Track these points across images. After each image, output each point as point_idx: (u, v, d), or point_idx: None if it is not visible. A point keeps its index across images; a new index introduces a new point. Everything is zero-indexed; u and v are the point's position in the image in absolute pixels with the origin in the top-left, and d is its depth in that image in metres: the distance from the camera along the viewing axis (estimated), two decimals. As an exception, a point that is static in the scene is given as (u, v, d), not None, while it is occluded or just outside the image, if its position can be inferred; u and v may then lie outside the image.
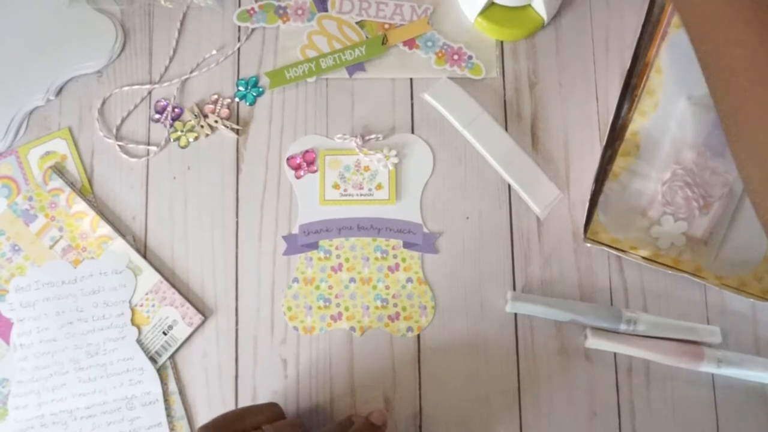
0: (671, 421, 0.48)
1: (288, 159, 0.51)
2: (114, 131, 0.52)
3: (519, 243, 0.50)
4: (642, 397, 0.48)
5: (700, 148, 0.48)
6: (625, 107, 0.51)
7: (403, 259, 0.49)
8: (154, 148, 0.51)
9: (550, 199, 0.49)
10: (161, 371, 0.48)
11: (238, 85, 0.52)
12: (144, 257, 0.49)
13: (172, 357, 0.48)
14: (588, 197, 0.47)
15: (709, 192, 0.48)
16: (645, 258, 0.48)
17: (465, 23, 0.53)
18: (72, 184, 0.50)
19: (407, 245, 0.50)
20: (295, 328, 0.49)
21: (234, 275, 0.49)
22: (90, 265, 0.49)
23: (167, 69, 0.53)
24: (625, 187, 0.49)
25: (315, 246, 0.50)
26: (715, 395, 0.48)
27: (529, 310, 0.48)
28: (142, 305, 0.48)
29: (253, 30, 0.53)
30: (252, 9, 0.53)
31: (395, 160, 0.50)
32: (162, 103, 0.52)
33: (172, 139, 0.51)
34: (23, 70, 0.51)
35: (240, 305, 0.49)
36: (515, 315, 0.49)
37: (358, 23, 0.53)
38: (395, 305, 0.49)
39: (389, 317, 0.49)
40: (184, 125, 0.51)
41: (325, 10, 0.53)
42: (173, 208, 0.50)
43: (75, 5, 0.52)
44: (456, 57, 0.52)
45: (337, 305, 0.49)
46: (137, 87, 0.52)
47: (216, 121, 0.51)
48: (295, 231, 0.50)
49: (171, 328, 0.48)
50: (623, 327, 0.47)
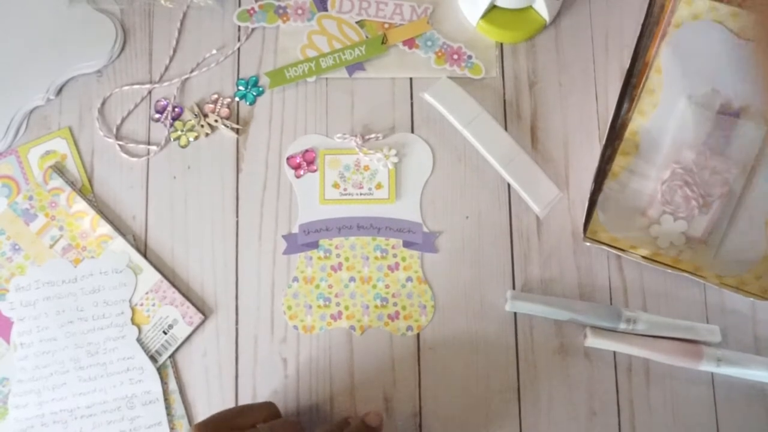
0: (671, 420, 0.48)
1: (288, 158, 0.51)
2: (114, 131, 0.52)
3: (519, 242, 0.50)
4: (641, 396, 0.48)
5: (699, 147, 0.48)
6: (625, 106, 0.51)
7: (403, 259, 0.49)
8: (154, 147, 0.51)
9: (549, 199, 0.49)
10: (161, 370, 0.48)
11: (238, 85, 0.52)
12: (144, 256, 0.49)
13: (172, 356, 0.48)
14: (587, 196, 0.48)
15: (709, 191, 0.48)
16: (644, 257, 0.48)
17: (465, 23, 0.53)
18: (72, 183, 0.50)
19: (407, 244, 0.50)
20: (295, 327, 0.49)
21: (234, 274, 0.49)
22: (90, 265, 0.49)
23: (167, 69, 0.53)
24: (625, 187, 0.49)
25: (315, 245, 0.50)
26: (715, 394, 0.48)
27: (529, 309, 0.48)
28: (142, 304, 0.48)
29: (253, 30, 0.53)
30: (252, 9, 0.53)
31: (395, 159, 0.50)
32: (162, 103, 0.52)
33: (172, 139, 0.51)
34: (23, 69, 0.51)
35: (240, 304, 0.49)
36: (515, 314, 0.49)
37: (358, 23, 0.53)
38: (395, 304, 0.49)
39: (389, 316, 0.49)
40: (184, 125, 0.51)
41: (325, 9, 0.53)
42: (173, 207, 0.50)
43: (75, 5, 0.52)
44: (456, 56, 0.52)
45: (337, 304, 0.49)
46: (137, 86, 0.52)
47: (216, 121, 0.51)
48: (295, 230, 0.50)
49: (171, 327, 0.48)
50: (623, 326, 0.47)
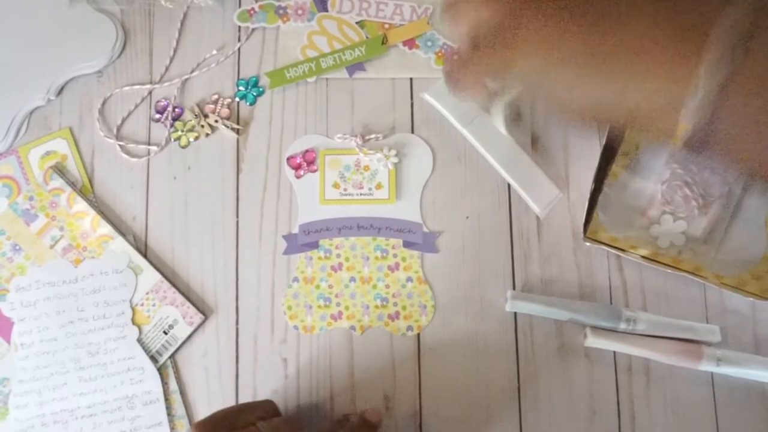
0: (671, 420, 0.48)
1: (288, 158, 0.51)
2: (114, 131, 0.52)
3: (519, 242, 0.50)
4: (641, 396, 0.48)
5: (699, 147, 0.48)
6: (625, 107, 0.51)
7: (403, 259, 0.49)
8: (154, 147, 0.51)
9: (549, 199, 0.49)
10: (162, 370, 0.48)
11: (238, 85, 0.52)
12: (144, 257, 0.49)
13: (172, 356, 0.48)
14: (587, 197, 0.48)
15: (709, 191, 0.48)
16: (644, 257, 0.48)
17: (465, 23, 0.53)
18: (72, 183, 0.50)
19: (407, 244, 0.50)
20: (296, 327, 0.49)
21: (234, 274, 0.50)
22: (90, 265, 0.49)
23: (168, 69, 0.53)
24: (625, 187, 0.49)
25: (315, 245, 0.50)
26: (715, 394, 0.48)
27: (529, 309, 0.48)
28: (142, 304, 0.48)
29: (254, 30, 0.53)
30: (252, 9, 0.53)
31: (395, 159, 0.50)
32: (162, 103, 0.52)
33: (172, 139, 0.51)
34: (24, 70, 0.51)
35: (240, 304, 0.49)
36: (515, 314, 0.49)
37: (358, 23, 0.53)
38: (395, 304, 0.49)
39: (389, 316, 0.49)
40: (184, 125, 0.51)
41: (325, 10, 0.53)
42: (174, 207, 0.50)
43: (75, 5, 0.52)
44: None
45: (337, 304, 0.49)
46: (138, 87, 0.52)
47: (216, 121, 0.51)
48: (295, 230, 0.50)
49: (171, 327, 0.48)
50: (623, 326, 0.47)
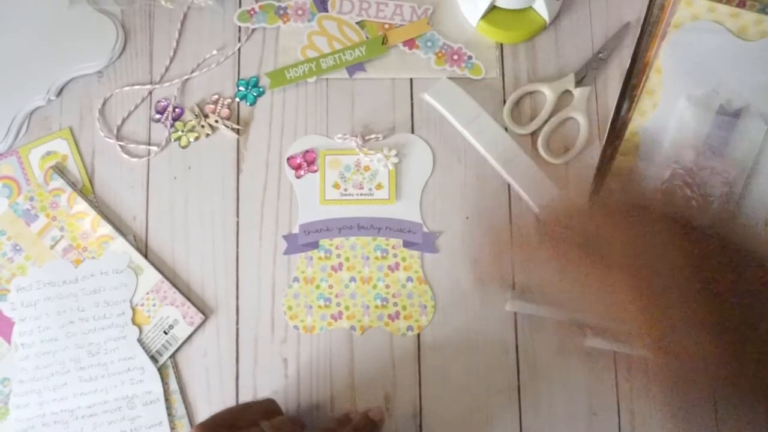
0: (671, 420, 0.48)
1: (288, 159, 0.51)
2: (115, 131, 0.52)
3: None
4: (641, 396, 0.48)
5: (699, 147, 0.48)
6: (625, 106, 0.51)
7: (403, 259, 0.50)
8: (154, 148, 0.51)
9: (549, 199, 0.49)
10: (162, 370, 0.48)
11: (238, 85, 0.52)
12: (145, 257, 0.49)
13: (172, 356, 0.48)
14: (587, 196, 0.48)
15: (709, 191, 0.48)
16: (644, 257, 0.48)
17: (465, 24, 0.53)
18: (73, 184, 0.50)
19: (407, 244, 0.50)
20: (296, 327, 0.49)
21: (234, 275, 0.50)
22: (91, 265, 0.49)
23: (168, 69, 0.53)
24: (625, 187, 0.49)
25: (315, 245, 0.50)
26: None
27: (529, 309, 0.48)
28: (142, 305, 0.49)
29: (254, 30, 0.53)
30: (252, 9, 0.53)
31: (395, 159, 0.50)
32: (163, 103, 0.52)
33: (172, 139, 0.51)
34: (24, 70, 0.51)
35: (240, 304, 0.49)
36: (515, 314, 0.49)
37: (358, 23, 0.53)
38: (395, 304, 0.49)
39: (389, 316, 0.49)
40: (184, 125, 0.51)
41: (326, 10, 0.53)
42: (174, 207, 0.50)
43: (75, 6, 0.52)
44: (456, 57, 0.52)
45: (338, 304, 0.49)
46: (138, 87, 0.52)
47: (216, 121, 0.51)
48: (296, 230, 0.50)
49: (172, 327, 0.48)
50: (623, 326, 0.47)
